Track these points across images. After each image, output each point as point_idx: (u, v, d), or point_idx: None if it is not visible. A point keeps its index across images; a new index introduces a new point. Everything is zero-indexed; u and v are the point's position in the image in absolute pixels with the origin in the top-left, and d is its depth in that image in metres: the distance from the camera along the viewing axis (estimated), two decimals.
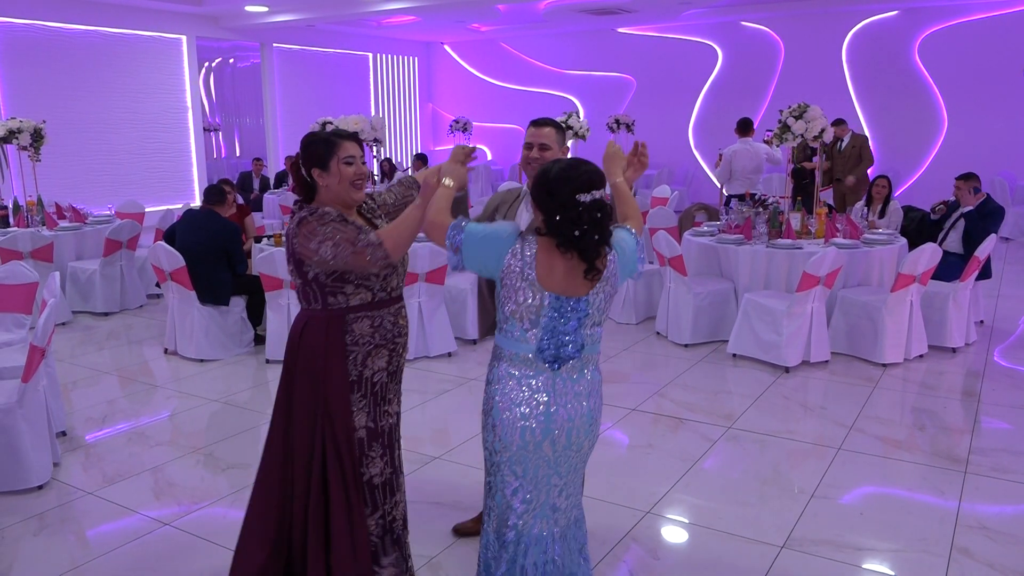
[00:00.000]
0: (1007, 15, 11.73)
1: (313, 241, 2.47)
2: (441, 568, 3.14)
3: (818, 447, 4.26)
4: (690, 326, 5.98)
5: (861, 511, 3.57)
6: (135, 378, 5.61)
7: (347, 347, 2.59)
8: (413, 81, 17.21)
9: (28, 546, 3.37)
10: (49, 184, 9.61)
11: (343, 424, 2.60)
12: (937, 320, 5.83)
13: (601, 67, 15.20)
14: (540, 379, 2.28)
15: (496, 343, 2.38)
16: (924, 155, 12.62)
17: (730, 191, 8.60)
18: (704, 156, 14.21)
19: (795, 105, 6.32)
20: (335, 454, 2.60)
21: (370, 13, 11.78)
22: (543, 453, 2.31)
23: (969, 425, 4.54)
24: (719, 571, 3.12)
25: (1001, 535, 3.33)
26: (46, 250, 6.95)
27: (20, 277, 4.82)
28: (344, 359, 2.59)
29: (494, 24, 14.33)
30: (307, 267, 2.55)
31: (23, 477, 3.78)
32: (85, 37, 11.46)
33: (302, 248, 2.51)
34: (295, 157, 2.62)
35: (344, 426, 2.60)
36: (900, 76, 12.57)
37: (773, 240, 6.00)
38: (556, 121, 2.99)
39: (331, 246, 2.45)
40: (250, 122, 14.44)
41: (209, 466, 4.15)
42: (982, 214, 6.18)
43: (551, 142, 2.92)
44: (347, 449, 2.61)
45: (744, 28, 13.70)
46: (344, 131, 2.64)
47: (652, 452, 4.21)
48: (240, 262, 6.06)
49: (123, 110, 11.98)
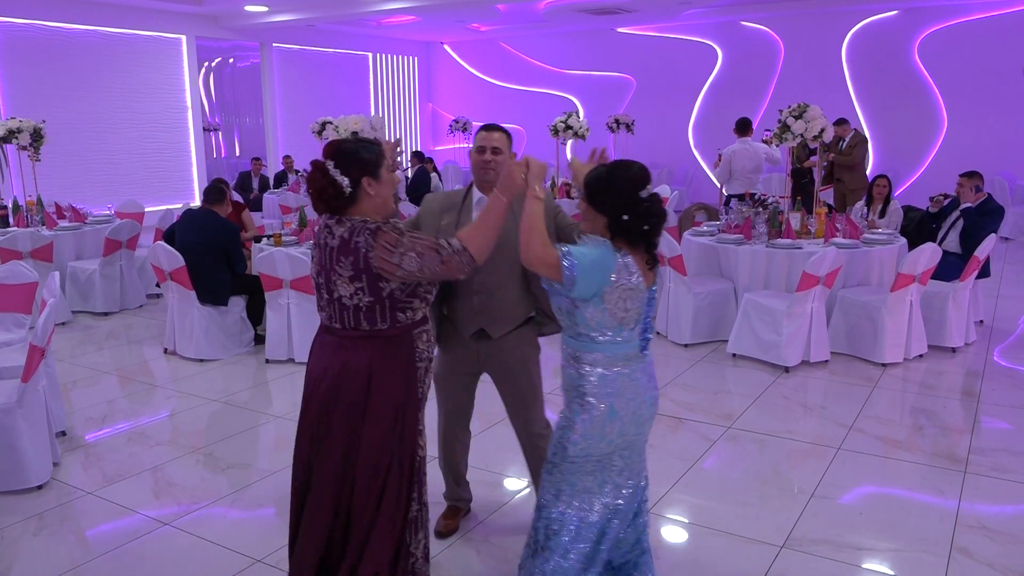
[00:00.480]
0: (1007, 15, 11.73)
1: (395, 254, 2.29)
2: (442, 568, 3.14)
3: (818, 447, 4.26)
4: (690, 326, 5.98)
5: (861, 511, 3.57)
6: (135, 378, 5.61)
7: (416, 364, 2.46)
8: (413, 81, 17.21)
9: (28, 546, 3.37)
10: (49, 184, 9.61)
11: (411, 447, 2.47)
12: (937, 320, 5.83)
13: (601, 67, 15.20)
14: (640, 367, 2.44)
15: (589, 354, 2.38)
16: (924, 155, 12.62)
17: (730, 191, 8.60)
18: (704, 156, 14.21)
19: (795, 105, 6.32)
20: (397, 478, 2.45)
21: (370, 13, 11.78)
22: (644, 433, 2.50)
23: (969, 425, 4.54)
24: (719, 571, 3.12)
25: (1001, 535, 3.33)
26: (46, 250, 6.95)
27: (20, 277, 4.82)
28: (415, 377, 2.47)
29: (494, 24, 14.33)
30: (384, 283, 2.34)
31: (23, 477, 3.78)
32: (85, 37, 11.46)
33: (383, 263, 2.30)
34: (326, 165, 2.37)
35: (411, 449, 2.47)
36: (900, 76, 12.58)
37: (773, 240, 6.00)
38: (505, 128, 3.09)
39: (415, 257, 2.29)
40: (250, 122, 14.44)
41: (209, 466, 4.15)
42: (981, 212, 6.17)
43: (502, 146, 2.99)
44: (408, 475, 2.48)
45: (744, 28, 13.70)
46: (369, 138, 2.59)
47: (652, 452, 4.18)
48: (239, 262, 6.06)
49: (123, 110, 11.98)
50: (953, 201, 6.55)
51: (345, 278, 2.36)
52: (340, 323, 2.44)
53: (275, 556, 3.24)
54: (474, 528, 3.42)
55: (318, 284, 2.48)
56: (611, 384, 2.38)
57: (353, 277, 2.34)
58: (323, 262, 2.42)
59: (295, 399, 5.12)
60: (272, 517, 3.61)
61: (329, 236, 2.39)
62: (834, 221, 6.18)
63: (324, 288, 2.45)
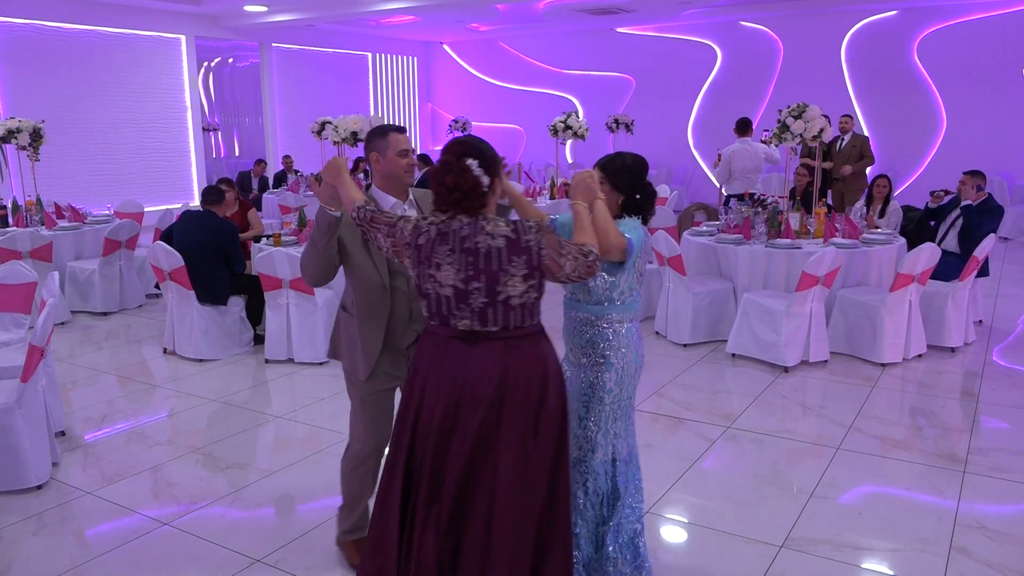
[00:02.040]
0: (1006, 15, 11.74)
1: (560, 255, 2.36)
2: None
3: (817, 447, 4.26)
4: (689, 326, 5.98)
5: (860, 511, 3.58)
6: (134, 378, 5.61)
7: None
8: (412, 81, 17.21)
9: (27, 546, 3.37)
10: (48, 184, 9.61)
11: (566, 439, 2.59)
12: (936, 320, 5.83)
13: (600, 67, 15.20)
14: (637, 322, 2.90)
15: (612, 314, 2.79)
16: (923, 155, 12.63)
17: (729, 191, 8.60)
18: (703, 156, 14.21)
19: (794, 105, 6.32)
20: (564, 468, 2.53)
21: (369, 13, 11.78)
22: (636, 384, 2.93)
23: (968, 425, 4.54)
24: (718, 571, 3.12)
25: (1000, 535, 3.34)
26: (45, 250, 6.95)
27: (19, 277, 4.81)
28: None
29: (493, 24, 14.33)
30: (543, 280, 2.39)
31: (22, 477, 3.78)
32: (84, 37, 11.46)
33: (551, 262, 2.35)
34: (468, 164, 2.33)
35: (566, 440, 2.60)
36: (899, 76, 12.58)
37: (772, 240, 6.00)
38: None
39: (571, 260, 2.37)
40: (249, 122, 14.44)
41: (208, 466, 4.15)
42: (981, 211, 6.18)
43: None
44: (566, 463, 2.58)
45: (743, 28, 13.71)
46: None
47: (651, 452, 4.21)
48: (238, 262, 6.06)
49: (122, 110, 11.98)
50: (953, 199, 6.55)
51: (518, 277, 2.34)
52: (503, 324, 2.37)
53: (274, 556, 3.25)
54: None
55: (464, 290, 2.34)
56: (631, 335, 2.84)
57: (527, 275, 2.34)
58: (478, 264, 2.32)
59: (294, 399, 5.12)
60: (271, 517, 3.61)
61: (484, 236, 2.33)
62: (833, 221, 6.18)
63: (481, 292, 2.33)
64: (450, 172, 2.33)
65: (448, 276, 2.34)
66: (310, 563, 3.19)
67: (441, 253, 2.35)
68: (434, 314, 2.42)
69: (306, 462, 4.16)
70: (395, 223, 2.44)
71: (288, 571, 3.15)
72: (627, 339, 2.82)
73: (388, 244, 2.46)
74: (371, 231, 2.49)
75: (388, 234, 2.45)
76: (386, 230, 2.45)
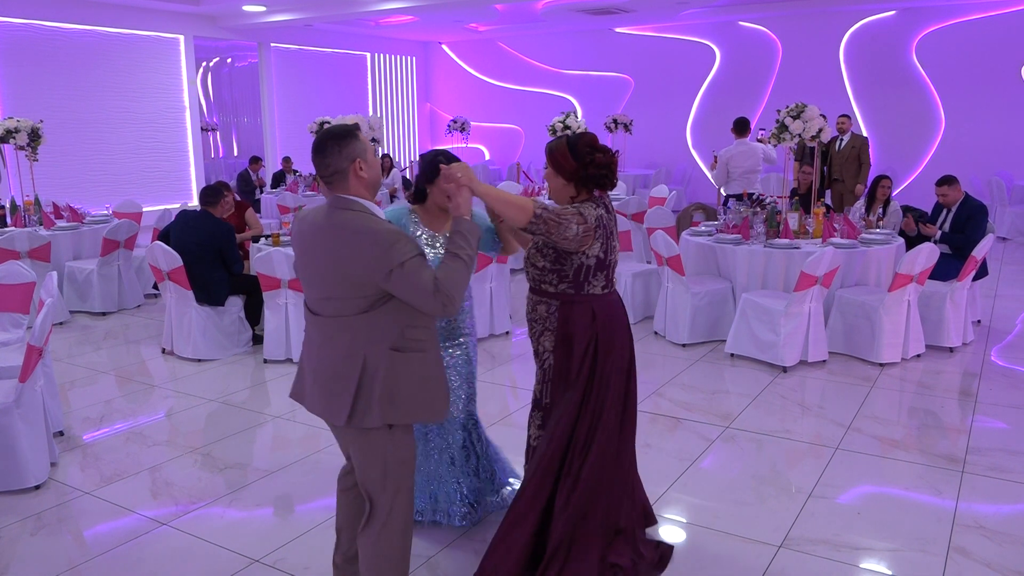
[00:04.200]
0: (1004, 15, 11.74)
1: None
2: (439, 567, 3.14)
3: (816, 447, 4.27)
4: (688, 326, 5.98)
5: (858, 511, 3.58)
6: (132, 378, 5.61)
7: None
8: (411, 81, 17.21)
9: (25, 546, 3.37)
10: (47, 184, 9.60)
11: None
12: (934, 320, 5.84)
13: (599, 67, 15.20)
14: None
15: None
16: (922, 155, 12.63)
17: (728, 191, 8.60)
18: (702, 156, 14.22)
19: (793, 105, 6.33)
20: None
21: (368, 13, 11.77)
22: None
23: (966, 425, 4.54)
24: (717, 570, 3.12)
25: (998, 534, 3.34)
26: (43, 250, 6.94)
27: (17, 277, 4.81)
28: None
29: (492, 24, 14.33)
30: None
31: (20, 477, 3.78)
32: (83, 37, 11.45)
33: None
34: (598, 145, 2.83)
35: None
36: (897, 76, 12.59)
37: (771, 240, 6.00)
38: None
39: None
40: (248, 122, 14.43)
41: (207, 466, 4.15)
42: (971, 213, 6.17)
43: None
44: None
45: (742, 28, 13.71)
46: None
47: (650, 452, 4.21)
48: (235, 262, 6.06)
49: (121, 110, 11.97)
50: (937, 207, 6.53)
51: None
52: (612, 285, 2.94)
53: (273, 556, 3.24)
54: (473, 528, 3.41)
55: (613, 261, 2.90)
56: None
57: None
58: (616, 235, 2.90)
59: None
60: (270, 517, 3.61)
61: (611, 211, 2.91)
62: (832, 221, 6.18)
63: (616, 257, 2.92)
64: (604, 152, 2.81)
65: (616, 247, 2.92)
66: (308, 563, 3.19)
67: (612, 228, 2.88)
68: (609, 281, 2.90)
69: (304, 462, 4.16)
70: (571, 212, 2.74)
71: (286, 571, 3.15)
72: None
73: (581, 232, 2.73)
74: (560, 225, 2.68)
75: (580, 223, 2.72)
76: (577, 219, 2.72)
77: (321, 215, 2.40)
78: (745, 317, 5.64)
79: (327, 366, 2.41)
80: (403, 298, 2.30)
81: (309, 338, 2.51)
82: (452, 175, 2.50)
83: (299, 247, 2.48)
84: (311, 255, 2.40)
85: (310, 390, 2.50)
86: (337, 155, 2.36)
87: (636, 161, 14.74)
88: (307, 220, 2.46)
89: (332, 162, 2.36)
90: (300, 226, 2.48)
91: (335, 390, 2.38)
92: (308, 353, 2.53)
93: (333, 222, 2.35)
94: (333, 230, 2.33)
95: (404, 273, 2.25)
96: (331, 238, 2.33)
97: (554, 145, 2.85)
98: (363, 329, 2.34)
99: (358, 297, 2.32)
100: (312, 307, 2.46)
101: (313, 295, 2.44)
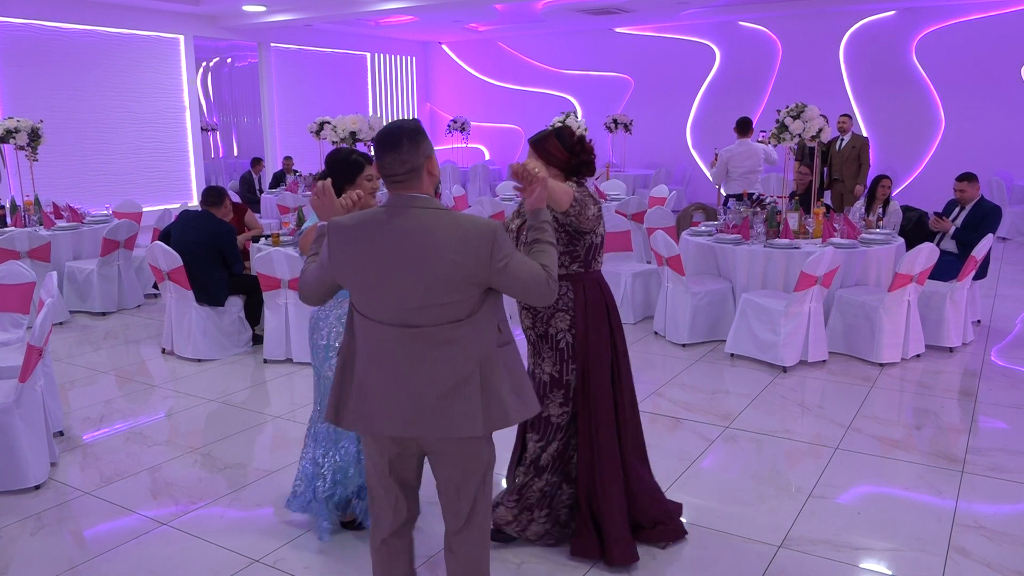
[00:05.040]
0: (1004, 15, 11.75)
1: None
2: (439, 567, 3.14)
3: (815, 447, 4.27)
4: (688, 326, 5.98)
5: (858, 510, 3.58)
6: (132, 378, 5.61)
7: None
8: (411, 81, 17.21)
9: (25, 546, 3.37)
10: (46, 184, 9.60)
11: None
12: (934, 320, 5.83)
13: (599, 67, 15.21)
14: None
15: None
16: (922, 155, 12.64)
17: (728, 191, 8.60)
18: (702, 156, 14.22)
19: (793, 105, 6.33)
20: None
21: (368, 13, 11.77)
22: None
23: (966, 425, 4.54)
24: (716, 570, 3.12)
25: (998, 534, 3.34)
26: (43, 250, 6.94)
27: (17, 277, 4.81)
28: None
29: (492, 24, 14.33)
30: None
31: (20, 477, 3.78)
32: (83, 37, 11.45)
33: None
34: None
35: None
36: (897, 76, 12.59)
37: (771, 240, 6.00)
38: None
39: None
40: (248, 122, 14.43)
41: (207, 466, 4.15)
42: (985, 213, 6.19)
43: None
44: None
45: (742, 28, 13.71)
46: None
47: (649, 452, 4.18)
48: (236, 262, 6.06)
49: (121, 110, 11.97)
50: (951, 203, 6.55)
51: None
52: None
53: (273, 556, 3.24)
54: None
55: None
56: None
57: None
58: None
59: (293, 399, 5.12)
60: (270, 517, 3.61)
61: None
62: (832, 221, 6.18)
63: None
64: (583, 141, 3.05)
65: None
66: (308, 563, 3.19)
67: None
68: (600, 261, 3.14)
69: None
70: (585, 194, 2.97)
71: (286, 571, 3.15)
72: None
73: (596, 211, 3.00)
74: (585, 206, 2.92)
75: (593, 203, 2.99)
76: (591, 200, 2.98)
77: (395, 219, 2.18)
78: (745, 317, 5.64)
79: (438, 382, 2.20)
80: (512, 289, 2.20)
81: (392, 357, 2.21)
82: (532, 173, 2.42)
83: (365, 259, 2.20)
84: (391, 265, 2.16)
85: (403, 413, 2.23)
86: (415, 151, 2.18)
87: (636, 161, 14.74)
88: (369, 227, 2.20)
89: (409, 159, 2.17)
90: (361, 234, 2.21)
91: (456, 403, 2.20)
92: (392, 375, 2.22)
93: (422, 224, 2.15)
94: (424, 233, 2.14)
95: (516, 263, 2.18)
96: (424, 242, 2.14)
97: (542, 137, 3.06)
98: (470, 332, 2.21)
99: (467, 298, 2.18)
100: (398, 321, 2.19)
101: (400, 307, 2.18)
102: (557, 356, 3.08)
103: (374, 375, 2.23)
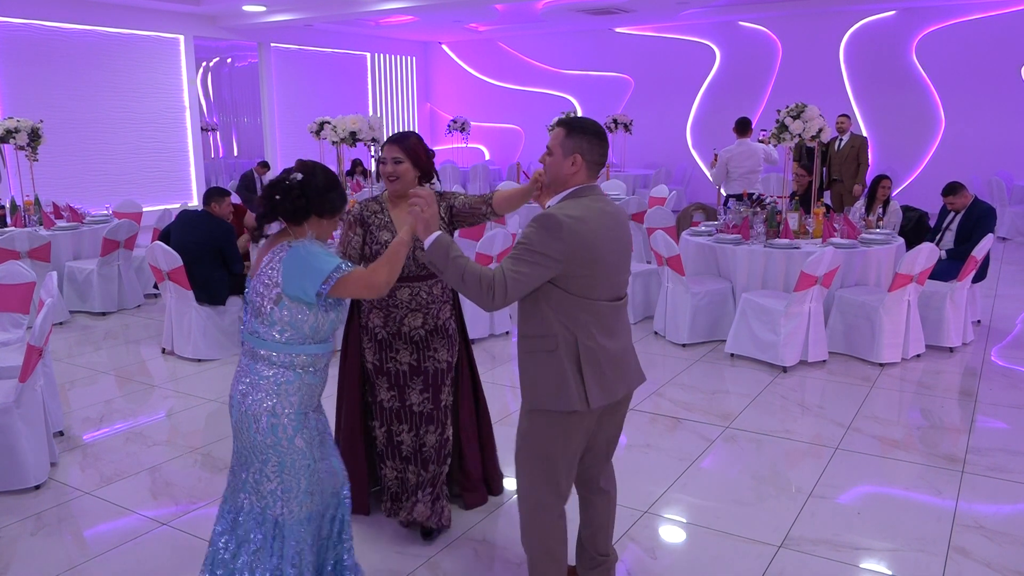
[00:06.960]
0: (1004, 15, 11.75)
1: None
2: (439, 567, 3.14)
3: (815, 447, 4.27)
4: (688, 326, 5.98)
5: (858, 511, 3.58)
6: (132, 378, 5.61)
7: None
8: (411, 81, 17.21)
9: (25, 546, 3.37)
10: (46, 184, 9.60)
11: None
12: (934, 320, 5.83)
13: (599, 67, 15.21)
14: None
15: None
16: (921, 155, 12.64)
17: (728, 191, 8.61)
18: (702, 156, 14.23)
19: (793, 105, 6.33)
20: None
21: (368, 13, 11.78)
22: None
23: (966, 425, 4.54)
24: (716, 571, 3.13)
25: (998, 535, 3.34)
26: (43, 250, 6.94)
27: (17, 277, 4.81)
28: None
29: (492, 24, 14.33)
30: None
31: (20, 477, 3.78)
32: (83, 37, 11.45)
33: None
34: None
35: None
36: (897, 76, 12.60)
37: (771, 240, 6.00)
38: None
39: None
40: (248, 122, 14.43)
41: (207, 466, 4.15)
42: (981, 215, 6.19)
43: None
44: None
45: (742, 28, 13.72)
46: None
47: (650, 452, 4.21)
48: (236, 261, 6.05)
49: (121, 110, 11.97)
50: (944, 210, 6.54)
51: None
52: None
53: None
54: (473, 528, 3.42)
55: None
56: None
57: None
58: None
59: None
60: None
61: None
62: (832, 221, 6.18)
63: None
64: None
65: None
66: None
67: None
68: None
69: None
70: None
71: None
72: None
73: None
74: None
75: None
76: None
77: (603, 205, 2.51)
78: (745, 317, 5.64)
79: (630, 339, 2.68)
80: None
81: (617, 327, 2.55)
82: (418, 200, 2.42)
83: (607, 240, 2.45)
84: (619, 243, 2.53)
85: (629, 372, 2.62)
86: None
87: (636, 161, 14.74)
88: (598, 212, 2.46)
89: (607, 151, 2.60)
90: (602, 220, 2.45)
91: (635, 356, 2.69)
92: (620, 343, 2.56)
93: (617, 209, 2.58)
94: (622, 215, 2.58)
95: None
96: (624, 223, 2.57)
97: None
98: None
99: None
100: (620, 295, 2.57)
101: (621, 280, 2.56)
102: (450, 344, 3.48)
103: (609, 348, 2.51)
